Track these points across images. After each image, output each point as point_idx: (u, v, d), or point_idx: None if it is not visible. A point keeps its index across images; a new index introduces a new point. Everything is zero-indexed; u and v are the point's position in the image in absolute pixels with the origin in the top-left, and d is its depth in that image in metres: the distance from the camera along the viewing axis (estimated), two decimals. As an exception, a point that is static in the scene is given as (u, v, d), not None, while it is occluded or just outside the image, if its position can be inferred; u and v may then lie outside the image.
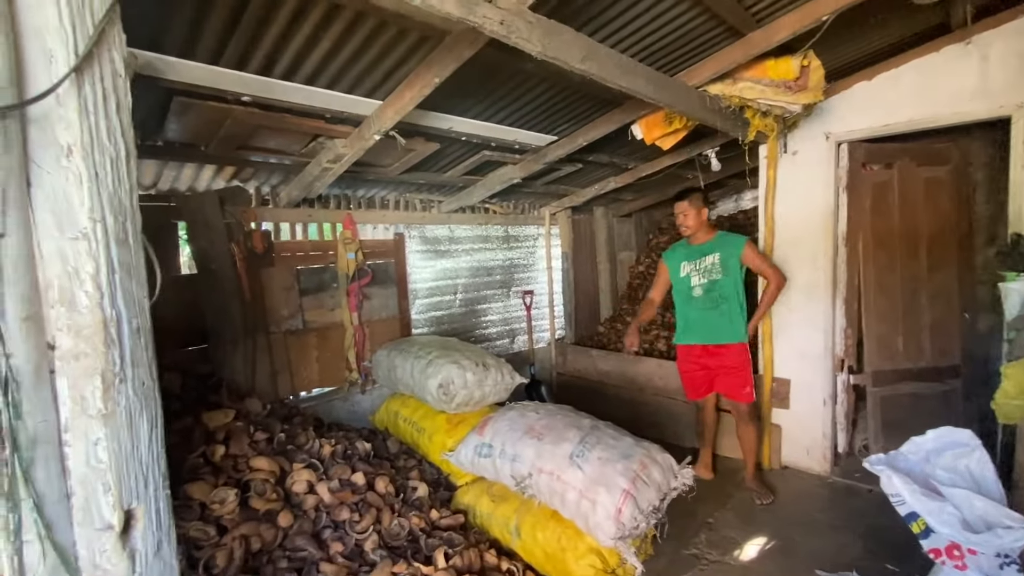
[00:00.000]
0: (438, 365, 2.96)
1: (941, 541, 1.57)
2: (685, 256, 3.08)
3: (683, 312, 3.12)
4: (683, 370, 3.21)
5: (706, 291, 2.97)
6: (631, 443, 2.33)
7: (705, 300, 2.97)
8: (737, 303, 2.94)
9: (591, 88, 2.54)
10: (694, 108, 2.51)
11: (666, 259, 3.21)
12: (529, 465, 2.36)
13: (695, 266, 3.01)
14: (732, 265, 2.91)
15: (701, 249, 3.01)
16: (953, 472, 1.60)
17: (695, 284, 3.01)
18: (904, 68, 2.83)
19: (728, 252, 2.92)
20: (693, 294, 3.02)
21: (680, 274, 3.08)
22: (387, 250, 3.69)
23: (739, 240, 2.94)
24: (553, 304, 4.82)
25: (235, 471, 1.92)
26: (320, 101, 2.17)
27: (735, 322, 2.94)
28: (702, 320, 3.00)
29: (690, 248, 3.07)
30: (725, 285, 2.91)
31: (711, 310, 2.96)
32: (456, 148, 3.06)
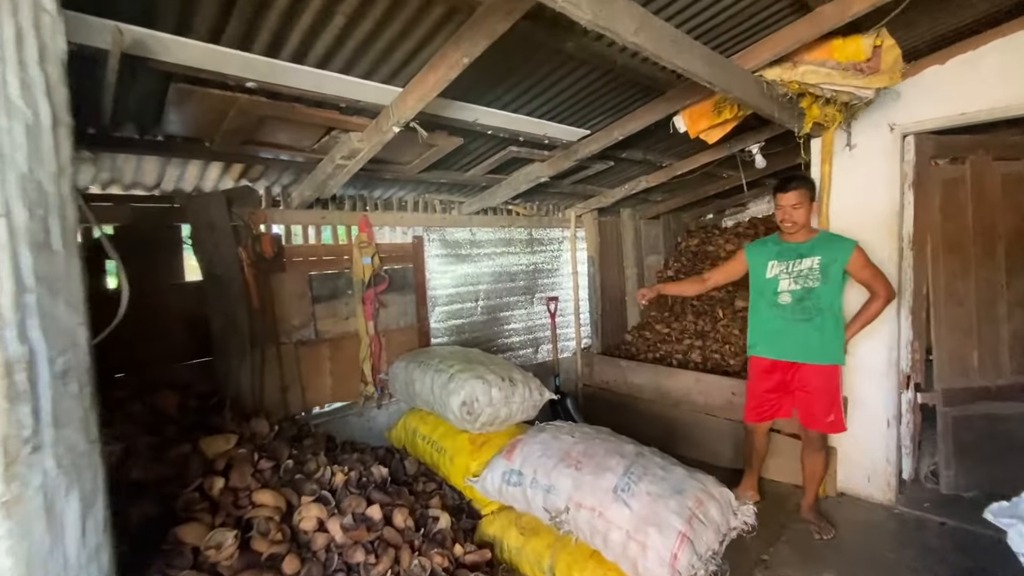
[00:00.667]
0: (461, 380, 2.71)
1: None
2: (776, 254, 2.61)
3: (763, 320, 2.67)
4: (753, 387, 2.77)
5: (797, 300, 2.52)
6: (683, 474, 2.05)
7: (795, 310, 2.53)
8: (833, 317, 2.48)
9: (633, 74, 2.28)
10: (751, 95, 2.23)
11: (749, 253, 2.75)
12: (566, 498, 2.09)
13: (787, 268, 2.55)
14: (834, 273, 2.46)
15: (798, 249, 2.55)
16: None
17: (783, 289, 2.56)
18: (984, 49, 2.51)
19: (832, 257, 2.46)
20: (779, 300, 2.57)
21: (766, 274, 2.62)
22: (405, 254, 3.46)
23: (847, 244, 2.47)
24: (579, 311, 4.54)
25: (235, 507, 1.69)
26: (333, 88, 1.94)
27: (830, 339, 2.50)
28: (788, 332, 2.56)
29: (783, 246, 2.61)
30: (823, 295, 2.47)
31: (802, 322, 2.52)
32: (480, 143, 2.81)
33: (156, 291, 2.43)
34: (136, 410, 1.87)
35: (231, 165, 2.52)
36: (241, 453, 1.83)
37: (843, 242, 2.50)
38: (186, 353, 2.50)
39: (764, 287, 2.65)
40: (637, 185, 3.98)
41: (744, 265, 2.77)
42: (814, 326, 2.49)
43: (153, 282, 2.43)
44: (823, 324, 2.48)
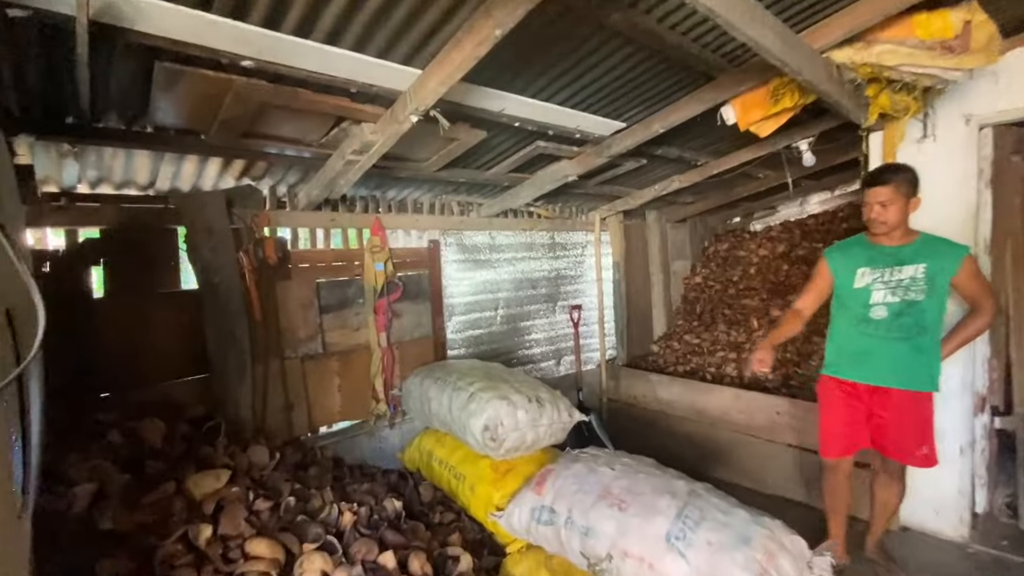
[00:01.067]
0: (482, 400, 2.44)
1: None
2: (868, 260, 2.18)
3: (849, 336, 2.23)
4: (833, 415, 2.30)
5: (895, 315, 2.09)
6: (747, 518, 1.75)
7: (891, 326, 2.11)
8: (933, 336, 2.10)
9: (682, 55, 2.00)
10: (819, 78, 1.95)
11: (831, 260, 2.32)
12: (608, 544, 1.81)
13: (883, 276, 2.13)
14: (940, 284, 2.06)
15: (897, 254, 2.12)
16: None
17: (878, 302, 2.12)
18: (1083, 28, 2.19)
19: (939, 265, 2.05)
20: (872, 315, 2.14)
21: (854, 283, 2.19)
22: (420, 260, 3.20)
23: (957, 251, 2.06)
24: (603, 320, 4.25)
25: (225, 560, 1.42)
26: (343, 70, 1.68)
27: (928, 361, 2.11)
28: (880, 352, 2.13)
29: (876, 250, 2.17)
30: (927, 311, 2.06)
31: (899, 341, 2.10)
32: (505, 138, 2.55)
33: (147, 301, 2.19)
34: (115, 440, 1.62)
35: (231, 161, 2.28)
36: (234, 493, 1.57)
37: (952, 248, 2.09)
38: (181, 370, 2.26)
39: (851, 299, 2.21)
40: (669, 185, 3.69)
41: (829, 277, 2.31)
42: (913, 346, 2.09)
43: (144, 291, 2.19)
44: (923, 344, 2.09)
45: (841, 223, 4.65)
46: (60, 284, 1.96)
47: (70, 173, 2.04)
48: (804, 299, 2.44)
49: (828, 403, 2.32)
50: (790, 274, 4.50)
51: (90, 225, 2.09)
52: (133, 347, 2.13)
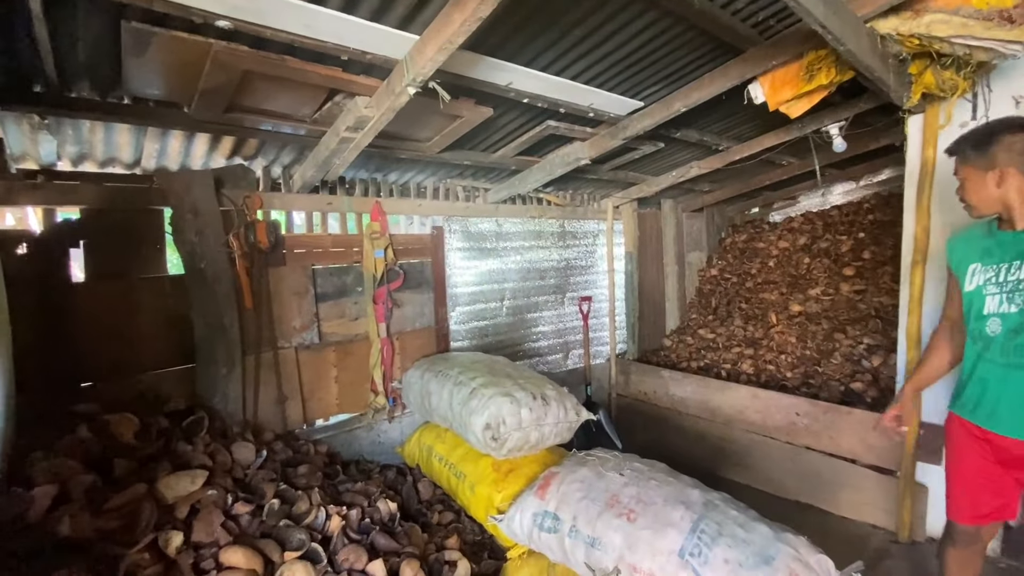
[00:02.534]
0: (484, 397, 2.30)
1: None
2: (982, 253, 1.59)
3: (968, 359, 1.65)
4: (955, 466, 1.73)
5: (1013, 331, 1.49)
6: (769, 534, 1.60)
7: (1007, 348, 1.51)
8: None
9: (710, 24, 1.82)
10: (863, 50, 1.74)
11: (949, 251, 1.74)
12: (615, 557, 1.67)
13: (998, 276, 1.54)
14: None
15: (1019, 243, 1.50)
16: None
17: (991, 312, 1.54)
18: None
19: None
20: (987, 329, 1.55)
21: (967, 284, 1.62)
22: (423, 247, 3.06)
23: None
24: (614, 313, 4.08)
25: (197, 571, 1.31)
26: (332, 34, 1.52)
27: None
28: (999, 385, 1.54)
29: (997, 238, 1.57)
30: None
31: (1019, 368, 1.49)
32: (512, 116, 2.38)
33: (130, 286, 2.07)
34: (84, 436, 1.50)
35: (220, 138, 2.14)
36: (209, 496, 1.45)
37: None
38: (165, 360, 2.14)
39: (966, 306, 1.64)
40: (687, 172, 3.49)
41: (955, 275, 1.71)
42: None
43: (126, 275, 2.07)
44: None
45: (867, 215, 4.42)
46: (36, 266, 1.84)
47: (47, 149, 1.91)
48: (945, 314, 1.81)
49: (950, 449, 1.76)
50: (811, 268, 4.28)
51: (69, 204, 1.96)
52: (114, 334, 2.02)
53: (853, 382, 3.19)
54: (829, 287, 4.04)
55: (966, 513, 1.69)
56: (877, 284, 3.83)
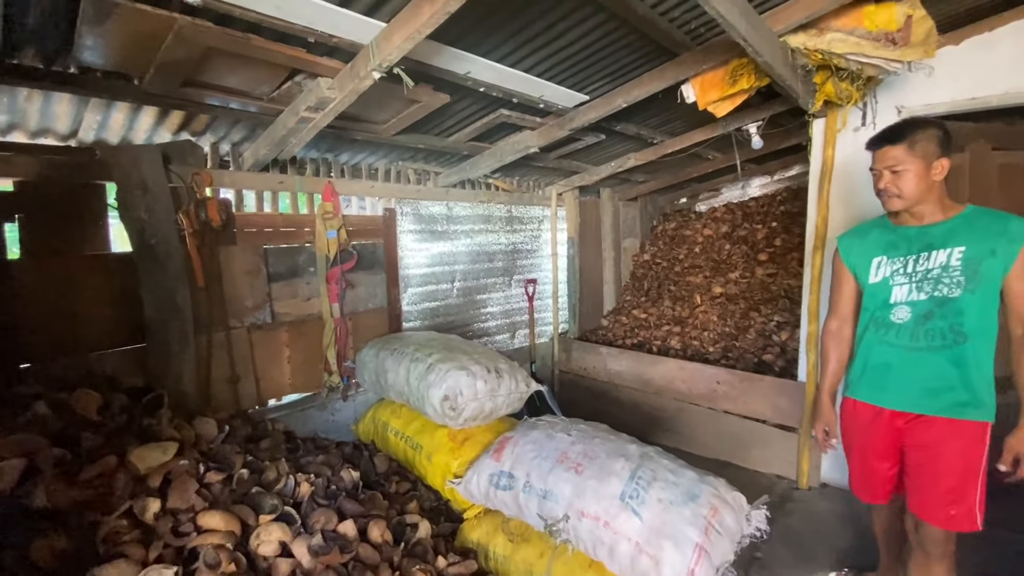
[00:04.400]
0: (442, 371, 2.43)
1: None
2: (885, 247, 1.68)
3: (867, 345, 1.74)
4: (852, 450, 1.84)
5: (922, 317, 1.59)
6: (695, 478, 1.87)
7: (917, 333, 1.60)
8: (985, 344, 1.53)
9: (650, 29, 2.02)
10: (777, 61, 2.02)
11: (844, 249, 1.82)
12: (565, 505, 1.87)
13: (905, 267, 1.63)
14: (987, 274, 1.49)
15: (925, 236, 1.59)
16: None
17: (899, 301, 1.63)
18: (1001, 31, 2.39)
19: (986, 247, 1.49)
20: (893, 317, 1.64)
21: (871, 276, 1.70)
22: (375, 229, 3.10)
23: (1019, 227, 1.48)
24: (557, 295, 4.32)
25: (176, 535, 1.36)
26: (301, 16, 1.57)
27: (975, 380, 1.54)
28: (906, 368, 1.63)
29: (898, 233, 1.67)
30: (966, 310, 1.52)
31: (929, 352, 1.58)
32: (468, 104, 2.49)
33: (73, 264, 1.99)
34: (42, 413, 1.48)
35: (168, 112, 2.09)
36: (182, 466, 1.49)
37: (1009, 223, 1.50)
38: (112, 339, 2.09)
39: (869, 297, 1.74)
40: (625, 163, 3.75)
41: (849, 271, 1.80)
42: (949, 358, 1.56)
43: (67, 252, 1.99)
44: (966, 355, 1.54)
45: (779, 206, 4.92)
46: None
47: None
48: (834, 311, 1.88)
49: (846, 433, 1.85)
50: (731, 254, 4.73)
51: (1, 177, 1.86)
52: (55, 314, 1.94)
53: (765, 354, 3.62)
54: (746, 271, 4.49)
55: (863, 493, 1.84)
56: (787, 268, 4.32)
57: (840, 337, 1.86)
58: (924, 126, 1.57)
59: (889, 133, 1.61)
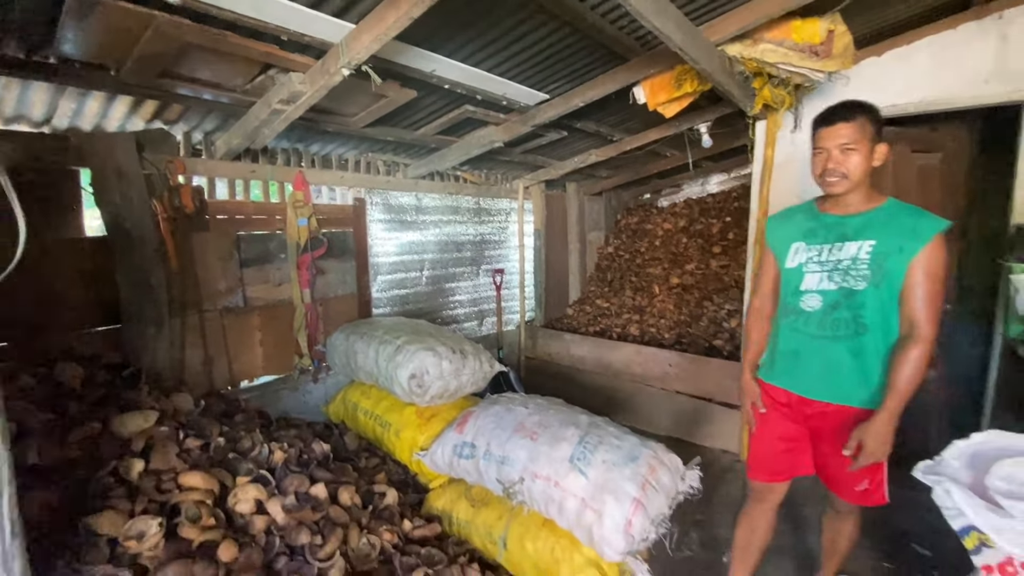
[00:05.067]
0: (409, 352, 2.58)
1: (997, 557, 1.43)
2: (805, 233, 1.68)
3: (780, 330, 1.76)
4: (760, 429, 1.86)
5: (830, 306, 1.60)
6: (636, 442, 2.08)
7: (824, 322, 1.61)
8: (883, 338, 1.55)
9: (600, 35, 2.20)
10: (714, 68, 2.23)
11: (769, 230, 1.83)
12: (520, 469, 2.06)
13: (819, 255, 1.62)
14: (892, 269, 1.50)
15: (842, 227, 1.60)
16: (1012, 483, 1.46)
17: (811, 288, 1.63)
18: (918, 45, 2.68)
19: (896, 243, 1.49)
20: (803, 304, 1.65)
21: (788, 261, 1.70)
22: (345, 218, 3.22)
23: (927, 226, 1.49)
24: (524, 284, 4.50)
25: (159, 492, 1.48)
26: (275, 16, 1.69)
27: (872, 369, 1.58)
28: (811, 355, 1.66)
29: (819, 220, 1.66)
30: (867, 304, 1.54)
31: (832, 341, 1.60)
32: (435, 99, 2.63)
33: (49, 246, 2.06)
34: (27, 383, 1.58)
35: (142, 101, 2.17)
36: (163, 431, 1.61)
37: (919, 221, 1.51)
38: (87, 320, 2.16)
39: (784, 282, 1.73)
40: (587, 159, 3.95)
41: (772, 253, 1.81)
42: (850, 349, 1.58)
43: (42, 236, 2.05)
44: (863, 347, 1.57)
45: (734, 201, 5.22)
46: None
47: (-51, 101, 1.85)
48: (758, 290, 1.90)
49: (757, 414, 1.86)
50: (688, 246, 5.01)
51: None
52: (33, 294, 2.01)
53: (715, 339, 3.89)
54: (701, 263, 4.77)
55: (761, 471, 1.86)
56: (738, 260, 4.61)
57: (762, 315, 1.88)
58: (869, 108, 1.55)
59: (842, 109, 1.55)
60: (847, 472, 1.63)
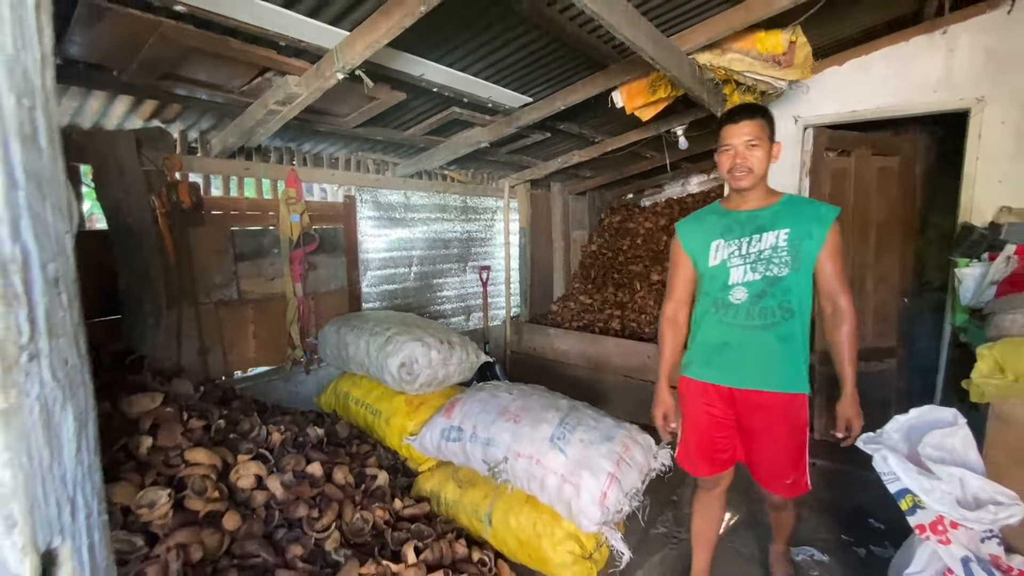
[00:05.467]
0: (399, 342, 2.70)
1: (928, 517, 1.60)
2: (722, 231, 1.71)
3: (708, 326, 1.75)
4: (690, 426, 1.87)
5: (757, 296, 1.64)
6: (612, 423, 2.23)
7: (752, 312, 1.65)
8: (803, 323, 1.64)
9: (579, 43, 2.35)
10: (685, 75, 2.39)
11: (682, 234, 1.83)
12: (505, 449, 2.20)
13: (740, 249, 1.67)
14: (807, 254, 1.60)
15: (755, 219, 1.66)
16: (941, 450, 1.63)
17: (737, 282, 1.67)
18: (874, 55, 2.88)
19: (805, 229, 1.60)
20: (732, 297, 1.68)
21: (711, 259, 1.72)
22: (336, 214, 3.32)
23: (827, 212, 1.62)
24: (509, 281, 4.64)
25: (167, 466, 1.59)
26: (274, 24, 1.80)
27: (799, 355, 1.66)
28: (743, 346, 1.68)
29: (731, 217, 1.71)
30: (792, 288, 1.61)
31: (762, 330, 1.64)
32: (423, 101, 2.75)
33: (50, 239, 2.14)
34: (38, 367, 1.67)
35: (142, 101, 2.26)
36: (168, 412, 1.72)
37: (818, 209, 1.64)
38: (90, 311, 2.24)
39: (709, 280, 1.75)
40: (570, 159, 4.10)
41: (687, 256, 1.81)
42: (779, 335, 1.63)
43: (46, 228, 2.14)
44: (791, 332, 1.63)
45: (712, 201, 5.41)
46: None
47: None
48: (672, 296, 1.88)
49: (685, 411, 1.88)
50: (667, 245, 5.19)
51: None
52: (36, 285, 2.09)
53: (692, 332, 4.06)
54: (680, 260, 4.95)
55: (705, 466, 1.85)
56: (715, 257, 4.80)
57: (676, 321, 1.87)
58: (765, 110, 1.65)
59: (745, 109, 1.64)
60: (781, 460, 1.72)
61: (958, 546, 1.56)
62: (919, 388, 3.36)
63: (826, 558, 2.30)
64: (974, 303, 2.25)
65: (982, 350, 1.81)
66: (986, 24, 2.54)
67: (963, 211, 2.70)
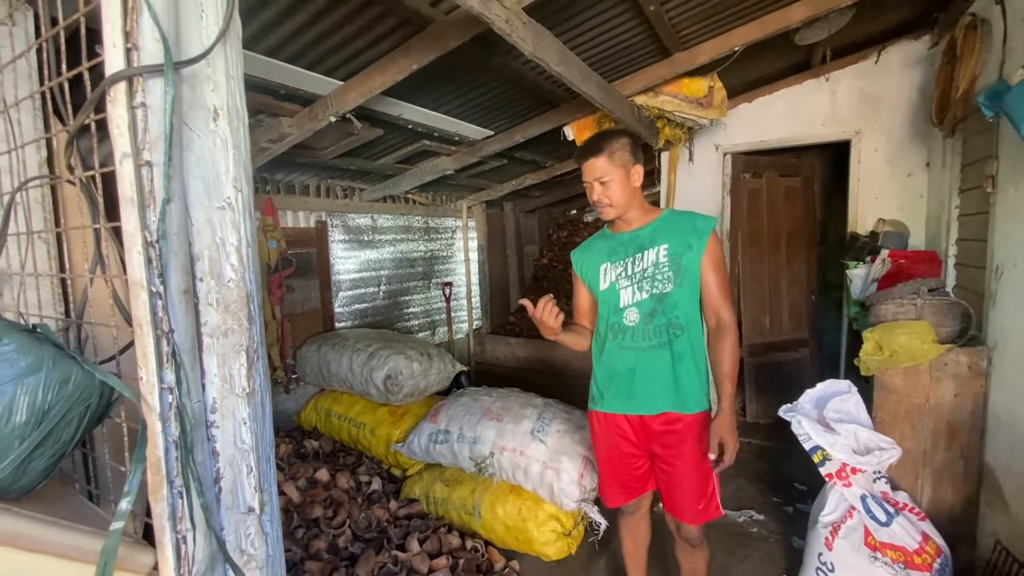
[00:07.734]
0: (383, 357, 2.91)
1: (834, 466, 2.04)
2: (608, 253, 1.69)
3: (608, 352, 1.72)
4: (606, 457, 1.80)
5: (648, 313, 1.61)
6: (581, 415, 2.57)
7: (647, 332, 1.61)
8: (696, 336, 1.64)
9: (538, 88, 2.71)
10: (626, 115, 2.82)
11: (576, 262, 1.82)
12: (491, 445, 2.47)
13: (626, 270, 1.64)
14: (689, 266, 1.59)
15: (636, 238, 1.65)
16: (840, 412, 2.08)
17: (628, 303, 1.63)
18: (776, 95, 3.46)
19: (684, 241, 1.59)
20: (626, 320, 1.64)
21: (601, 283, 1.69)
22: (309, 239, 3.48)
23: (703, 222, 1.62)
24: (471, 295, 4.92)
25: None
26: (277, 75, 2.02)
27: (696, 372, 1.64)
28: (646, 368, 1.63)
29: (615, 240, 1.69)
30: (679, 303, 1.60)
31: (659, 348, 1.61)
32: (398, 135, 3.01)
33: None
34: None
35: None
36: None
37: (694, 220, 1.62)
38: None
39: (603, 305, 1.72)
40: (523, 181, 4.48)
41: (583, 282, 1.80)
42: (675, 353, 1.61)
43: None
44: (683, 350, 1.61)
45: (649, 216, 5.98)
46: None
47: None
48: (577, 312, 1.90)
49: (597, 446, 1.83)
50: (613, 256, 5.68)
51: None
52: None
53: (639, 335, 4.51)
54: (625, 270, 5.44)
55: (621, 496, 1.81)
56: (654, 266, 5.32)
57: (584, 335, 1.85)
58: (617, 136, 1.60)
59: (590, 145, 1.60)
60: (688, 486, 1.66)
61: (857, 487, 2.00)
62: (829, 369, 3.97)
63: (762, 517, 2.73)
64: (861, 297, 2.80)
65: (866, 334, 2.31)
66: (859, 71, 3.17)
67: (851, 222, 3.30)
